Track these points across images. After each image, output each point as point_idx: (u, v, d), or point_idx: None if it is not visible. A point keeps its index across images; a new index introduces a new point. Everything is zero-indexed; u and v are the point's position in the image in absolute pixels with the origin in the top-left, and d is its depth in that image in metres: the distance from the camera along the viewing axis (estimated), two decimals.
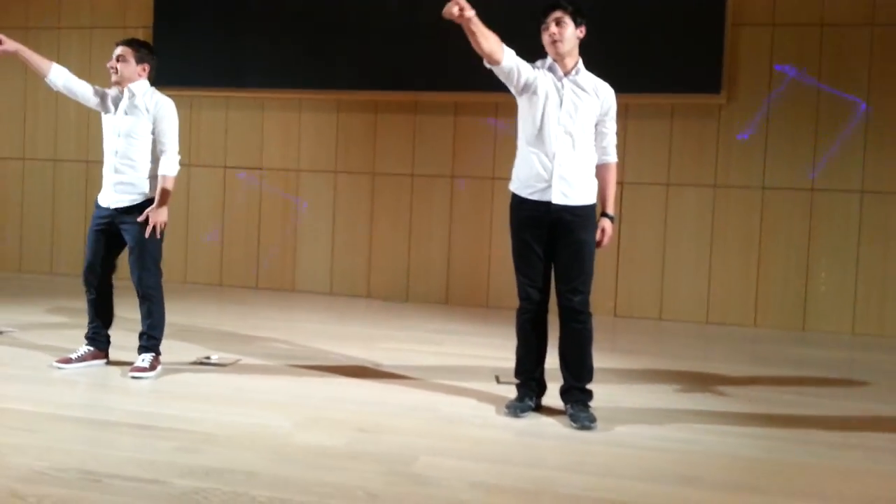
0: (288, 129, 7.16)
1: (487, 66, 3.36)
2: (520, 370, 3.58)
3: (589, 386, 3.49)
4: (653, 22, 6.26)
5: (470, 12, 3.12)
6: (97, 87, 4.05)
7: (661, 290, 6.44)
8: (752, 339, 5.82)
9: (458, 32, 3.28)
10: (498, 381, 4.06)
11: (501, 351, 4.50)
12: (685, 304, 6.39)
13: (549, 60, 3.46)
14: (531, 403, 3.52)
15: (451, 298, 6.81)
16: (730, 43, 6.21)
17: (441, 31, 6.75)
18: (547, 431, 3.31)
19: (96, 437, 3.04)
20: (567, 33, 3.39)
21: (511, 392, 3.63)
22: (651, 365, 4.69)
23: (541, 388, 3.58)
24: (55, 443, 2.92)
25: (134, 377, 3.84)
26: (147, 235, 3.87)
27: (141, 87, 3.96)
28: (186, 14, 7.18)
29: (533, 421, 3.44)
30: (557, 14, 3.39)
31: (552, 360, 3.57)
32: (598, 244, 3.52)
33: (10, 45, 3.87)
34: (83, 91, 4.01)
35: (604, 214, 3.54)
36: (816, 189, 6.18)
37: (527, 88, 3.42)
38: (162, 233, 3.93)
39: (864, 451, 3.22)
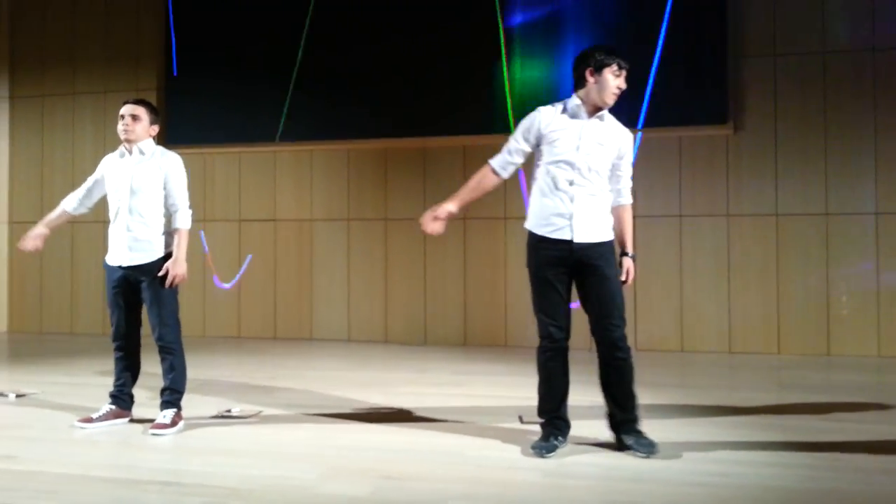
0: (300, 180, 7.24)
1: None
2: (543, 409, 3.54)
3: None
4: (657, 57, 6.34)
5: (442, 214, 3.61)
6: (91, 177, 4.21)
7: (680, 322, 6.39)
8: (777, 367, 5.74)
9: (463, 80, 3.35)
10: (521, 420, 4.02)
11: (523, 390, 4.46)
12: (707, 335, 6.32)
13: (573, 102, 3.50)
14: (556, 443, 3.48)
15: (470, 339, 6.78)
16: (733, 74, 6.27)
17: (446, 78, 6.90)
18: (574, 471, 3.26)
19: (122, 496, 3.02)
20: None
21: (535, 431, 3.59)
22: (677, 398, 4.63)
23: (566, 427, 3.54)
24: None
25: (154, 434, 3.83)
26: (167, 286, 3.91)
27: (150, 146, 4.05)
28: (197, 74, 7.34)
29: (560, 461, 3.39)
30: (627, 69, 3.48)
31: (575, 398, 3.53)
32: (623, 283, 3.53)
33: (39, 231, 4.10)
34: (88, 189, 4.19)
35: (624, 254, 3.56)
36: (830, 213, 6.15)
37: (539, 143, 3.54)
38: (177, 286, 3.98)
39: None
